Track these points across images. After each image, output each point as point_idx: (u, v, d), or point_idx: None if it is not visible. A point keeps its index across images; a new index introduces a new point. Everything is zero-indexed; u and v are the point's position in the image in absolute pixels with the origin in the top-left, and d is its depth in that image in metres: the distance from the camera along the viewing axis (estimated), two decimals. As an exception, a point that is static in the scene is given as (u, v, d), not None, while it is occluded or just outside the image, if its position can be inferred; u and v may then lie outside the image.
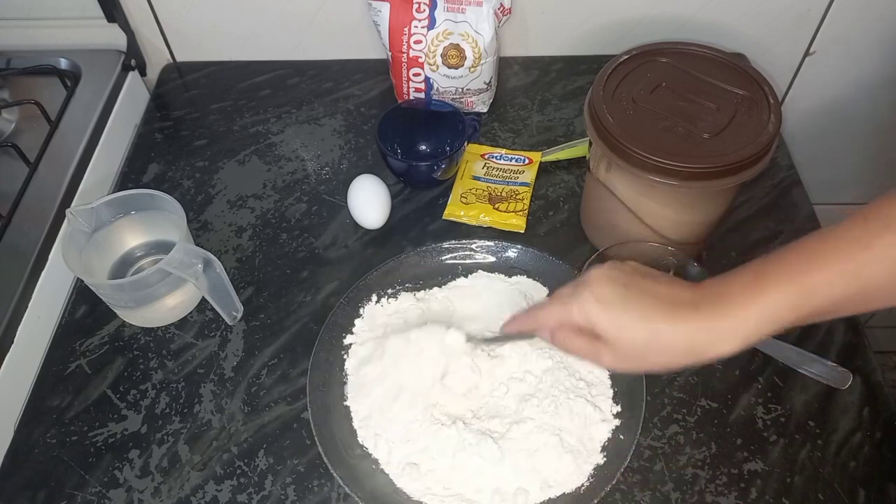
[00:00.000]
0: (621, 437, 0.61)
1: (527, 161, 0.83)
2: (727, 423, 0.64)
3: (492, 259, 0.74)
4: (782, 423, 0.64)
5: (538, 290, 0.72)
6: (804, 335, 0.69)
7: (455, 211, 0.79)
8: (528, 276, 0.73)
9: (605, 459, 0.60)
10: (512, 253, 0.73)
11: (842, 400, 0.65)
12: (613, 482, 0.57)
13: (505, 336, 0.60)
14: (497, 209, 0.78)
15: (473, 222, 0.79)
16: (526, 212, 0.78)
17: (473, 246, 0.74)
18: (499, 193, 0.80)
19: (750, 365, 0.67)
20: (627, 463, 0.58)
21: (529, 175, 0.82)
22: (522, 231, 0.77)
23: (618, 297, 0.46)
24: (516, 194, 0.80)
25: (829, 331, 0.69)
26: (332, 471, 0.58)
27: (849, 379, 0.64)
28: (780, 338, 0.67)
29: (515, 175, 0.82)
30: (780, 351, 0.65)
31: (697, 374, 0.67)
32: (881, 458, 0.60)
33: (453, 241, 0.74)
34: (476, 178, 0.82)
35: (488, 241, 0.74)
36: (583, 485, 0.59)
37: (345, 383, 0.66)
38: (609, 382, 0.64)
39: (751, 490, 0.60)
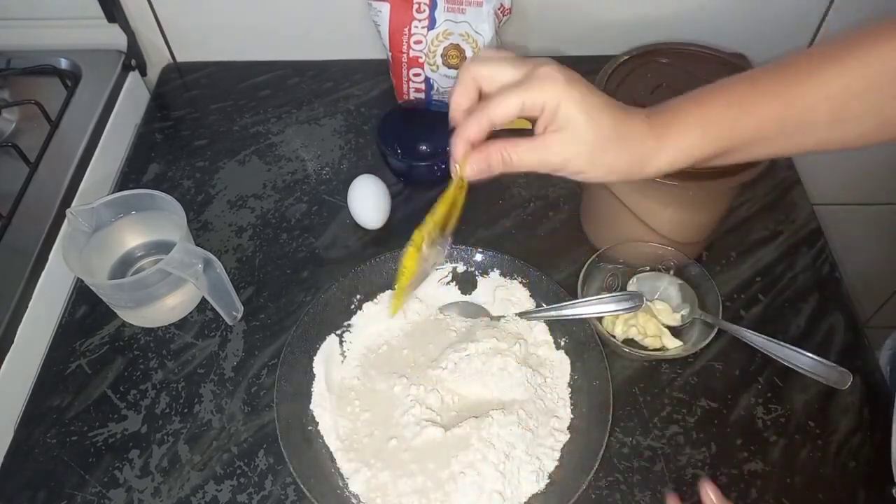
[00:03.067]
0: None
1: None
2: (727, 423, 0.64)
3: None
4: (782, 423, 0.64)
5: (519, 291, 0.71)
6: (804, 335, 0.69)
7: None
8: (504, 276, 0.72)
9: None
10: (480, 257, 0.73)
11: (842, 400, 0.65)
12: None
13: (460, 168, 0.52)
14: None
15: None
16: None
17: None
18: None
19: (750, 365, 0.67)
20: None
21: None
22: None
23: (576, 79, 0.45)
24: None
25: (829, 331, 0.69)
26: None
27: (849, 379, 0.64)
28: (780, 338, 0.67)
29: None
30: (780, 351, 0.65)
31: (697, 374, 0.67)
32: (881, 459, 0.60)
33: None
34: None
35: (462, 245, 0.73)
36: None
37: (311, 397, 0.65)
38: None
39: (751, 490, 0.60)
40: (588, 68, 0.92)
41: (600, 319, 0.69)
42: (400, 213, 0.81)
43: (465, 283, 0.73)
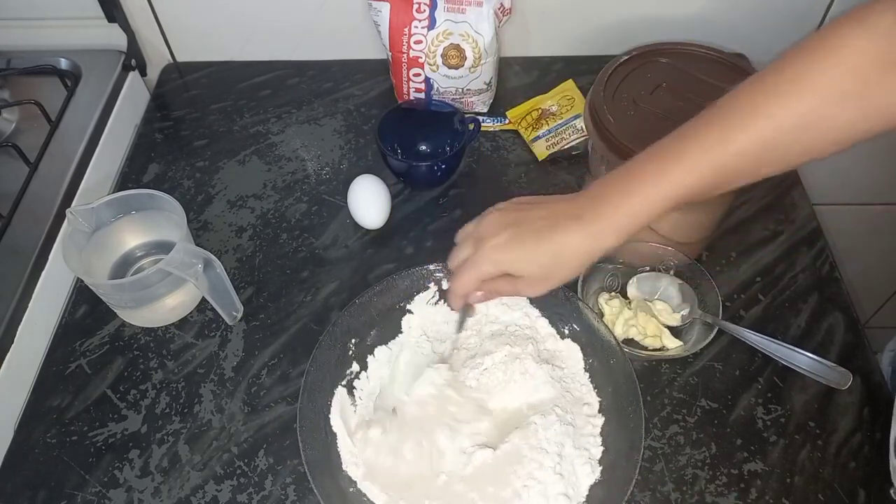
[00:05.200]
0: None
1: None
2: (727, 423, 0.64)
3: None
4: (782, 423, 0.64)
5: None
6: (804, 335, 0.69)
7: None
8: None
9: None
10: None
11: (842, 400, 0.65)
12: None
13: (459, 323, 0.63)
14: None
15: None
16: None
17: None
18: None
19: (750, 365, 0.67)
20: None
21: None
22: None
23: (510, 237, 0.52)
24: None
25: (829, 331, 0.69)
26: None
27: (849, 379, 0.64)
28: (780, 338, 0.67)
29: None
30: (780, 351, 0.65)
31: (697, 374, 0.67)
32: (881, 459, 0.60)
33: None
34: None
35: None
36: None
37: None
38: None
39: (751, 490, 0.60)
40: (588, 68, 0.93)
41: (600, 318, 0.69)
42: (400, 213, 0.81)
43: None
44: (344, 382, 0.64)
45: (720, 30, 0.91)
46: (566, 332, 0.67)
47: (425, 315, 0.69)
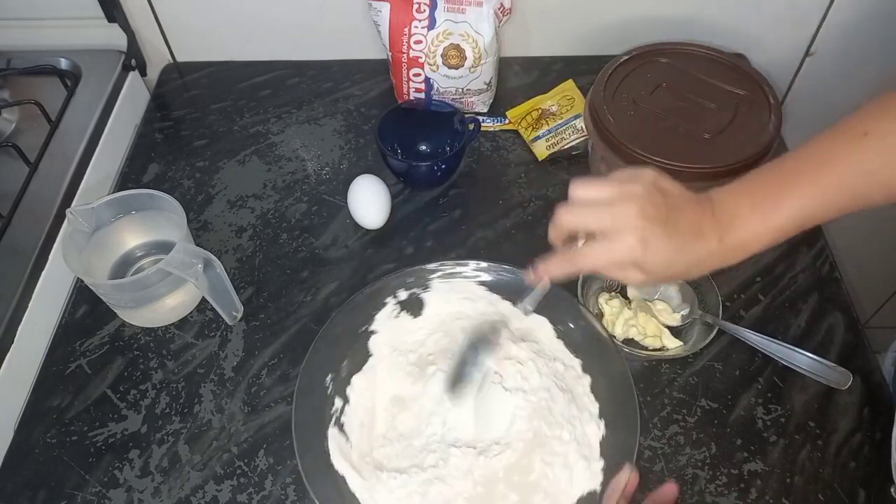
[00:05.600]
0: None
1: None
2: (727, 423, 0.64)
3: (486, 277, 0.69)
4: (782, 423, 0.64)
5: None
6: (804, 335, 0.69)
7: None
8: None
9: None
10: (504, 275, 0.68)
11: (842, 400, 0.65)
12: None
13: (532, 293, 0.58)
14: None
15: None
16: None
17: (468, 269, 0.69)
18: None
19: (750, 365, 0.67)
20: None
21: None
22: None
23: (656, 236, 0.49)
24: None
25: (829, 331, 0.69)
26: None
27: (849, 379, 0.64)
28: (780, 338, 0.67)
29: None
30: (780, 351, 0.65)
31: (697, 374, 0.67)
32: (881, 459, 0.60)
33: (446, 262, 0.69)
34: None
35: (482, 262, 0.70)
36: None
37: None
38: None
39: (751, 490, 0.60)
40: (588, 68, 0.93)
41: (600, 319, 0.69)
42: (400, 213, 0.81)
43: (414, 307, 0.69)
44: (333, 422, 0.62)
45: (720, 30, 0.91)
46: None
47: (390, 331, 0.67)
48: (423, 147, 0.86)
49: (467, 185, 0.83)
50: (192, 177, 0.85)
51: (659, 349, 0.67)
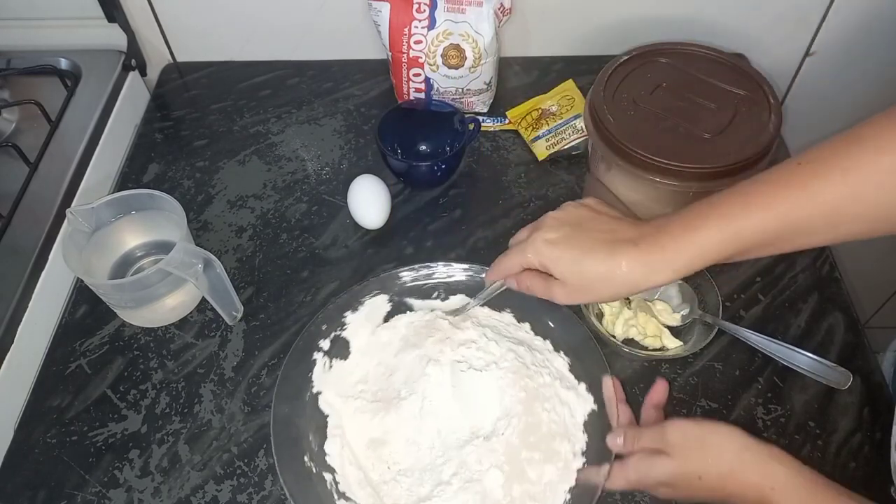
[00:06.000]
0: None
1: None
2: (727, 423, 0.64)
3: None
4: (782, 423, 0.64)
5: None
6: (804, 335, 0.69)
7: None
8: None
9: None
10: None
11: (842, 400, 0.65)
12: None
13: (481, 292, 0.64)
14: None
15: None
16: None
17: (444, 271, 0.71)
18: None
19: (750, 365, 0.67)
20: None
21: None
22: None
23: (564, 237, 0.52)
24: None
25: (829, 331, 0.69)
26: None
27: (849, 379, 0.64)
28: (780, 338, 0.67)
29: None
30: (780, 351, 0.65)
31: (697, 374, 0.67)
32: (881, 459, 0.60)
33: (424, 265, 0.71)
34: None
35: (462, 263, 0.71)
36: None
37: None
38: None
39: (751, 490, 0.60)
40: (588, 68, 0.93)
41: (600, 319, 0.69)
42: (400, 213, 0.81)
43: (341, 349, 0.68)
44: (337, 498, 0.59)
45: (720, 30, 0.91)
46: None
47: (330, 384, 0.66)
48: (423, 147, 0.86)
49: (467, 185, 0.83)
50: (192, 177, 0.85)
51: (659, 349, 0.67)
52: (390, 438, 0.61)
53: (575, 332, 0.67)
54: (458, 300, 0.70)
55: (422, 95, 0.87)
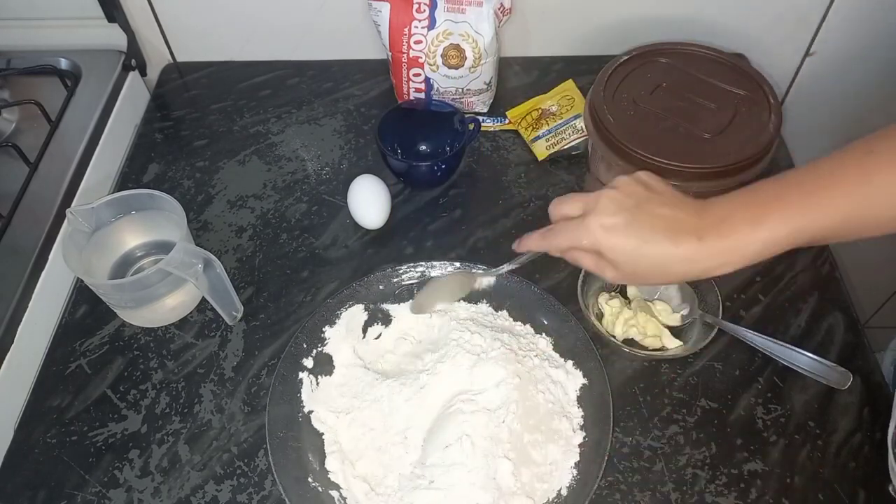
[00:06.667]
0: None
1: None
2: (727, 423, 0.64)
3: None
4: (782, 423, 0.64)
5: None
6: (804, 335, 0.69)
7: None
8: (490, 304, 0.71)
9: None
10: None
11: (842, 400, 0.65)
12: None
13: (517, 258, 0.60)
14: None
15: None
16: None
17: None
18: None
19: (750, 365, 0.67)
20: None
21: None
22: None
23: (623, 223, 0.48)
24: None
25: (829, 331, 0.69)
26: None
27: (849, 379, 0.64)
28: (780, 338, 0.67)
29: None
30: (780, 351, 0.65)
31: (697, 374, 0.67)
32: (881, 459, 0.60)
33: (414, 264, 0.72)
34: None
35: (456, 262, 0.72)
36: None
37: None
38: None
39: (751, 490, 0.60)
40: (588, 68, 0.93)
41: (600, 319, 0.69)
42: (400, 213, 0.81)
43: (324, 365, 0.68)
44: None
45: (720, 30, 0.91)
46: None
47: (320, 401, 0.65)
48: (423, 147, 0.86)
49: (467, 185, 0.83)
50: (192, 177, 0.85)
51: (659, 349, 0.67)
52: (389, 447, 0.61)
53: (554, 312, 0.68)
54: None
55: (422, 95, 0.87)
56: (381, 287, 0.71)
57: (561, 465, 0.60)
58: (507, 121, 0.89)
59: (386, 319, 0.71)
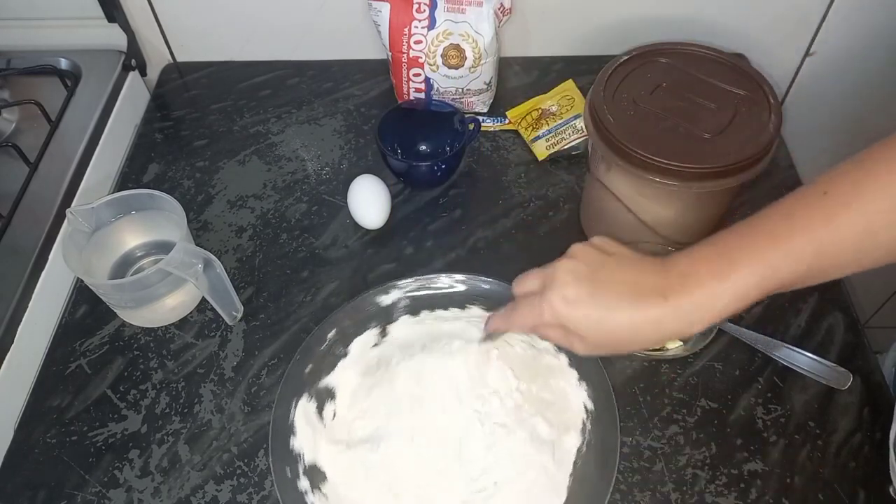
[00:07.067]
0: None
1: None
2: (727, 423, 0.64)
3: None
4: (782, 423, 0.64)
5: None
6: (804, 335, 0.69)
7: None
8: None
9: None
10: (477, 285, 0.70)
11: (842, 400, 0.65)
12: None
13: (486, 336, 0.60)
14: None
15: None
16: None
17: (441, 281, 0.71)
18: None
19: (750, 365, 0.67)
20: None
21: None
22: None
23: (584, 293, 0.47)
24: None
25: (829, 331, 0.69)
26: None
27: (849, 379, 0.64)
28: (780, 338, 0.67)
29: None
30: (780, 351, 0.65)
31: (697, 374, 0.67)
32: (881, 459, 0.60)
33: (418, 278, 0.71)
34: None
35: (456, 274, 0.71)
36: None
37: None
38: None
39: (751, 490, 0.60)
40: (588, 68, 0.93)
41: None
42: (400, 213, 0.81)
43: (323, 398, 0.66)
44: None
45: (720, 30, 0.91)
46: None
47: (317, 434, 0.63)
48: (423, 147, 0.86)
49: (467, 185, 0.83)
50: (192, 177, 0.85)
51: (659, 349, 0.67)
52: (401, 446, 0.60)
53: None
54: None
55: (422, 95, 0.87)
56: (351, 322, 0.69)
57: (571, 393, 0.63)
58: (507, 121, 0.89)
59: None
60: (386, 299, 0.70)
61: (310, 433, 0.62)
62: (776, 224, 0.45)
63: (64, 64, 0.90)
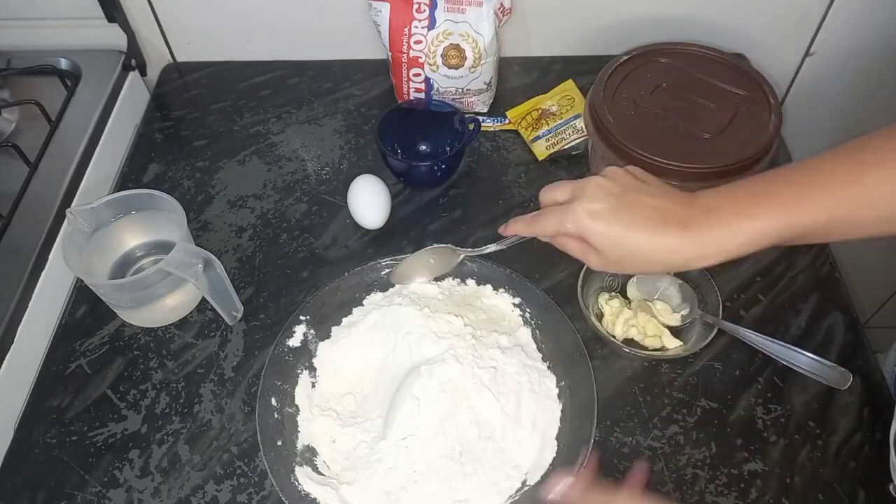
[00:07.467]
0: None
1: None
2: (727, 423, 0.64)
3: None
4: (782, 423, 0.64)
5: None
6: (804, 335, 0.69)
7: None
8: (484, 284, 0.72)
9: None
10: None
11: (842, 400, 0.65)
12: None
13: (503, 240, 0.61)
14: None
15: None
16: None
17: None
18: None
19: (750, 365, 0.67)
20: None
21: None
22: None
23: (608, 209, 0.49)
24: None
25: (829, 331, 0.69)
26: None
27: (849, 379, 0.64)
28: (780, 338, 0.67)
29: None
30: (780, 351, 0.65)
31: (697, 374, 0.67)
32: (881, 459, 0.60)
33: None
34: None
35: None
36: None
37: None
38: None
39: (751, 490, 0.60)
40: (588, 68, 0.93)
41: (600, 319, 0.69)
42: (400, 213, 0.81)
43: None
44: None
45: (720, 30, 0.91)
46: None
47: (318, 432, 0.64)
48: (423, 147, 0.86)
49: (467, 185, 0.83)
50: (192, 177, 0.85)
51: (659, 349, 0.67)
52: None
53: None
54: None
55: (422, 95, 0.87)
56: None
57: (500, 303, 0.68)
58: (507, 121, 0.89)
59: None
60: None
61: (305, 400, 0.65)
62: (805, 174, 0.47)
63: (64, 64, 0.90)
